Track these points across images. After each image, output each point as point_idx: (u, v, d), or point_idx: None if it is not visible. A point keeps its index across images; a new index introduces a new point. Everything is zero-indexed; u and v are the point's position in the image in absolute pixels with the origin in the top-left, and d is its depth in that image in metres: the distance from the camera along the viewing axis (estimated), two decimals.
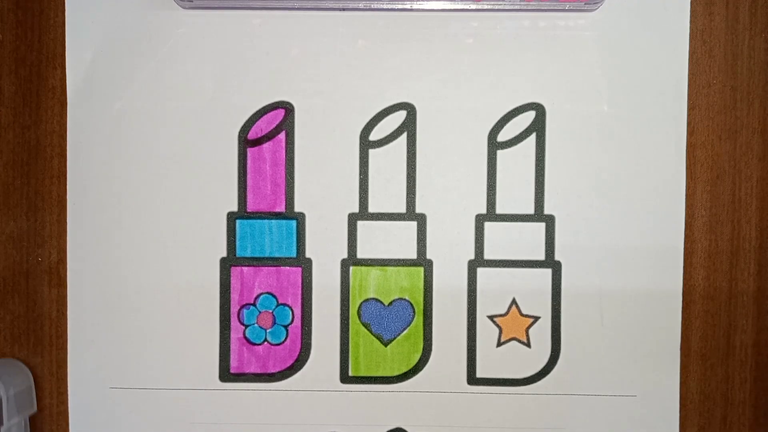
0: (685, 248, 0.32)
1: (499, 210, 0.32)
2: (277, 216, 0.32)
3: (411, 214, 0.32)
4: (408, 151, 0.32)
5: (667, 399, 0.32)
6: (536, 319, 0.32)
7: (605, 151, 0.32)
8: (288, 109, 0.32)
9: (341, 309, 0.32)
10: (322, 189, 0.32)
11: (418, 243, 0.32)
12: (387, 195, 0.32)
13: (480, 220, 0.32)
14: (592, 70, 0.31)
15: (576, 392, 0.32)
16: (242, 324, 0.32)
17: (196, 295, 0.32)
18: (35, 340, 0.33)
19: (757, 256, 0.32)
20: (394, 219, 0.32)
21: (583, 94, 0.32)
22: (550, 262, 0.32)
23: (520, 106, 0.32)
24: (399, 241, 0.32)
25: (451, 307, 0.32)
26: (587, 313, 0.32)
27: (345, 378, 0.32)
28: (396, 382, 0.32)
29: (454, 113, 0.32)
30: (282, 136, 0.32)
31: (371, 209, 0.32)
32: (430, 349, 0.32)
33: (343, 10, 0.31)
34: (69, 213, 0.32)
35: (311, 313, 0.32)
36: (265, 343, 0.32)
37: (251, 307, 0.32)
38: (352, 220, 0.32)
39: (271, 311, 0.32)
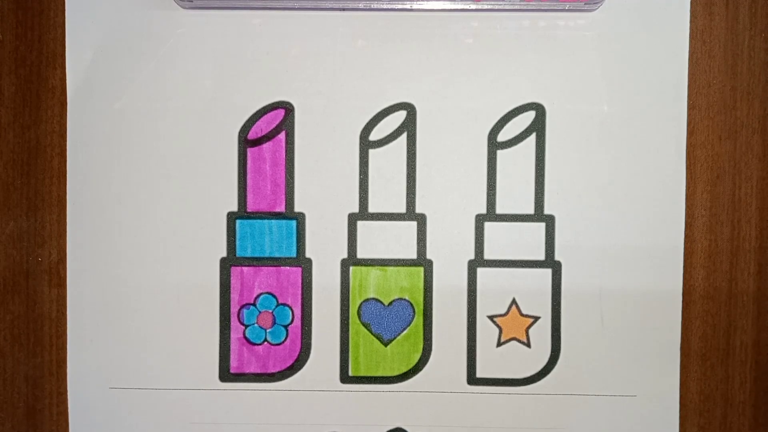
0: (685, 248, 0.32)
1: (499, 210, 0.32)
2: (277, 216, 0.32)
3: (411, 214, 0.32)
4: (408, 151, 0.32)
5: (667, 399, 0.32)
6: (536, 319, 0.32)
7: (605, 151, 0.32)
8: (288, 109, 0.32)
9: (341, 309, 0.32)
10: (322, 189, 0.32)
11: (418, 243, 0.32)
12: (387, 195, 0.32)
13: (480, 220, 0.32)
14: (592, 70, 0.31)
15: (576, 392, 0.32)
16: (242, 324, 0.32)
17: (196, 295, 0.32)
18: (35, 340, 0.33)
19: (757, 256, 0.32)
20: (394, 219, 0.32)
21: (583, 94, 0.32)
22: (550, 262, 0.32)
23: (520, 106, 0.32)
24: (399, 241, 0.32)
25: (451, 307, 0.32)
26: (587, 313, 0.32)
27: (345, 378, 0.32)
28: (396, 382, 0.32)
29: (454, 113, 0.32)
30: (282, 136, 0.32)
31: (371, 209, 0.32)
32: (430, 349, 0.32)
33: (343, 10, 0.31)
34: (69, 213, 0.32)
35: (311, 313, 0.32)
36: (265, 343, 0.32)
37: (251, 307, 0.32)
38: (352, 220, 0.32)
39: (271, 311, 0.32)
